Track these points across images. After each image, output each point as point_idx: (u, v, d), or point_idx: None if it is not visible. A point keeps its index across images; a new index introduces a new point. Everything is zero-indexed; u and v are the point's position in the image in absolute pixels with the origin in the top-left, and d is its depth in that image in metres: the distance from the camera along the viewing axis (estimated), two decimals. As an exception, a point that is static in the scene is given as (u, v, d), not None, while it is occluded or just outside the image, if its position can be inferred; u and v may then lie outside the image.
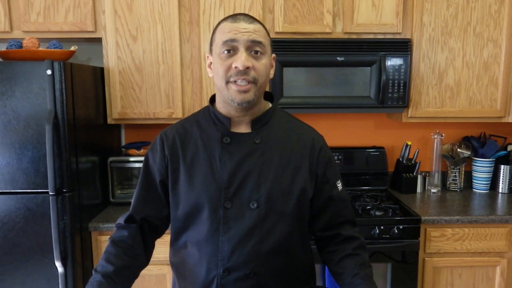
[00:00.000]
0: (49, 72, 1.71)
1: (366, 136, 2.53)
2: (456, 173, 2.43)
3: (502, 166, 2.38)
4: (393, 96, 2.11)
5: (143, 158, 1.20)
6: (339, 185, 1.19)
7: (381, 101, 2.10)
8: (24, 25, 2.05)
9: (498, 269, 2.01)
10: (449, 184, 2.46)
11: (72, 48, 2.00)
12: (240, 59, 1.02)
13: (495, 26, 2.13)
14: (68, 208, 1.79)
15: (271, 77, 1.13)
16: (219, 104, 1.14)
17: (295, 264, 1.15)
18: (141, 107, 2.12)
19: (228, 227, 1.08)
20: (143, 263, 1.17)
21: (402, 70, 2.09)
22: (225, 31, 1.05)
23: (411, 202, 2.21)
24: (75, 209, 1.84)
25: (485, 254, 2.01)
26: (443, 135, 2.40)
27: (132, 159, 2.17)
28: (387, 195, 2.32)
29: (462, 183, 2.45)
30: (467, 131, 2.53)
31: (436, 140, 2.39)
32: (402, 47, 2.08)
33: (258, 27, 1.06)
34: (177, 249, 1.18)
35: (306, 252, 1.20)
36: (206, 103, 2.06)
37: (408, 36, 2.14)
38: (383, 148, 2.46)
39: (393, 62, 2.08)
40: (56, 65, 1.72)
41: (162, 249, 1.46)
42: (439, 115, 2.20)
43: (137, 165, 2.17)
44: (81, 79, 1.90)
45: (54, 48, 1.92)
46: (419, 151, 2.46)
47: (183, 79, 2.12)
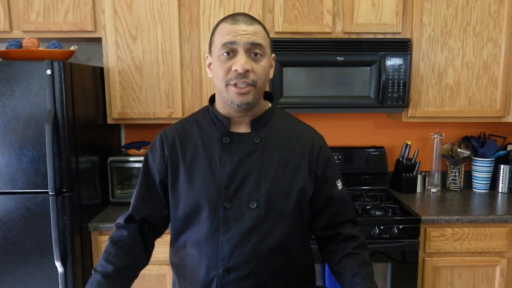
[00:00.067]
0: (48, 72, 1.71)
1: (366, 136, 2.53)
2: (456, 173, 2.43)
3: (502, 166, 2.38)
4: (393, 96, 2.11)
5: (143, 158, 1.20)
6: (339, 185, 1.19)
7: (381, 101, 2.10)
8: (24, 25, 2.05)
9: (498, 269, 2.01)
10: (449, 184, 2.46)
11: (72, 48, 2.00)
12: (240, 62, 1.02)
13: (494, 26, 2.13)
14: (68, 208, 1.79)
15: (270, 77, 1.13)
16: (219, 105, 1.14)
17: (295, 264, 1.15)
18: (141, 107, 2.12)
19: (228, 227, 1.08)
20: (143, 263, 1.17)
21: (402, 70, 2.09)
22: (224, 33, 1.04)
23: (411, 202, 2.21)
24: (75, 209, 1.84)
25: (485, 254, 2.01)
26: (443, 135, 2.40)
27: (132, 159, 2.17)
28: (387, 195, 2.32)
29: (462, 183, 2.45)
30: (467, 131, 2.53)
31: (436, 140, 2.39)
32: (402, 47, 2.08)
33: (258, 28, 1.06)
34: (177, 249, 1.18)
35: (306, 252, 1.20)
36: (206, 103, 2.06)
37: (407, 36, 2.14)
38: (383, 148, 2.46)
39: (393, 62, 2.08)
40: (55, 65, 1.72)
41: (162, 249, 1.46)
42: (439, 115, 2.20)
43: (137, 165, 2.17)
44: (81, 79, 1.90)
45: (54, 48, 1.92)
46: (419, 151, 2.46)
47: (183, 79, 2.12)
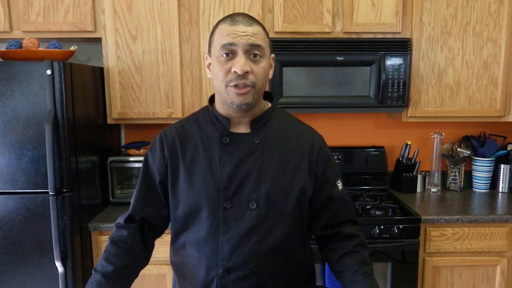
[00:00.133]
0: (48, 72, 1.71)
1: (366, 135, 2.53)
2: (456, 172, 2.43)
3: (502, 166, 2.38)
4: (393, 95, 2.11)
5: (142, 158, 1.20)
6: (339, 185, 1.19)
7: (381, 100, 2.09)
8: (24, 25, 2.05)
9: (498, 269, 2.01)
10: (449, 183, 2.46)
11: (72, 48, 2.00)
12: (239, 64, 1.02)
13: (494, 26, 2.13)
14: (68, 208, 1.79)
15: (270, 77, 1.13)
16: (219, 105, 1.14)
17: (295, 264, 1.15)
18: (140, 107, 2.12)
19: (227, 227, 1.08)
20: (143, 262, 1.17)
21: (402, 70, 2.09)
22: (223, 34, 1.04)
23: (411, 201, 2.21)
24: (75, 209, 1.84)
25: (485, 254, 2.01)
26: (443, 134, 2.40)
27: (131, 159, 2.17)
28: (387, 195, 2.32)
29: (462, 183, 2.45)
30: (467, 130, 2.53)
31: (436, 139, 2.39)
32: (402, 46, 2.08)
33: (257, 29, 1.05)
34: (177, 249, 1.18)
35: (306, 252, 1.20)
36: (206, 103, 2.06)
37: (407, 36, 2.13)
38: (383, 147, 2.46)
39: (393, 61, 2.08)
40: (55, 65, 1.72)
41: (162, 249, 1.46)
42: (439, 115, 2.20)
43: (137, 165, 2.17)
44: (80, 79, 1.90)
45: (54, 48, 1.92)
46: (419, 150, 2.46)
47: (183, 79, 2.12)
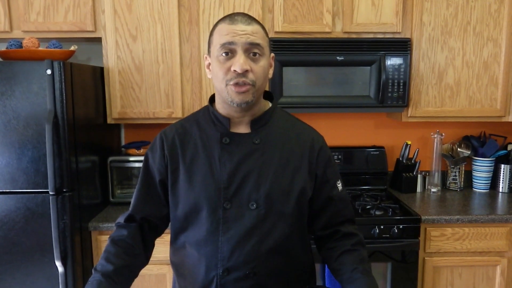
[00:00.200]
0: (49, 71, 1.71)
1: (366, 135, 2.53)
2: (456, 172, 2.43)
3: (502, 166, 2.38)
4: (393, 95, 2.10)
5: (142, 158, 1.20)
6: (339, 185, 1.19)
7: (381, 100, 2.09)
8: (24, 24, 2.05)
9: (498, 269, 2.01)
10: (449, 183, 2.46)
11: (72, 48, 2.00)
12: (239, 62, 1.02)
13: (495, 26, 2.13)
14: (68, 207, 1.79)
15: (270, 76, 1.13)
16: (219, 105, 1.14)
17: (295, 264, 1.15)
18: (140, 106, 2.12)
19: (227, 228, 1.08)
20: (143, 262, 1.17)
21: (402, 70, 2.09)
22: (222, 33, 1.04)
23: (411, 201, 2.21)
24: (75, 208, 1.84)
25: (485, 254, 2.01)
26: (443, 134, 2.40)
27: (131, 158, 2.17)
28: (387, 195, 2.32)
29: (462, 183, 2.45)
30: (467, 130, 2.53)
31: (436, 139, 2.39)
32: (402, 46, 2.08)
33: (256, 28, 1.05)
34: (176, 248, 1.18)
35: (306, 251, 1.20)
36: (206, 102, 2.06)
37: (407, 36, 2.13)
38: (383, 147, 2.45)
39: (393, 61, 2.08)
40: (56, 64, 1.72)
41: (162, 248, 1.46)
42: (439, 115, 2.19)
43: (137, 164, 2.17)
44: (81, 78, 1.90)
45: (54, 47, 1.92)
46: (419, 150, 2.46)
47: (183, 79, 2.12)
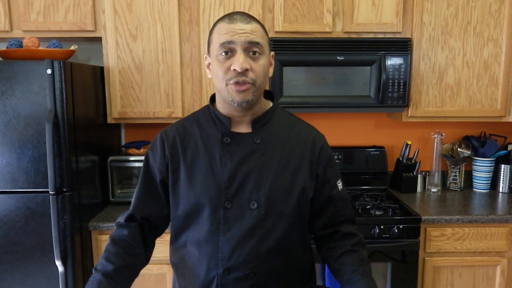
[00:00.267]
0: (49, 71, 1.71)
1: (366, 135, 2.53)
2: (456, 172, 2.43)
3: (503, 166, 2.38)
4: (393, 95, 2.10)
5: (143, 158, 1.20)
6: (339, 185, 1.19)
7: (381, 100, 2.09)
8: (24, 24, 2.05)
9: (499, 269, 2.01)
10: (449, 183, 2.46)
11: (72, 48, 2.00)
12: (238, 61, 1.01)
13: (495, 26, 2.13)
14: (68, 207, 1.79)
15: (270, 75, 1.13)
16: (219, 104, 1.14)
17: (295, 263, 1.15)
18: (141, 106, 2.12)
19: (228, 227, 1.08)
20: (143, 262, 1.17)
21: (402, 70, 2.09)
22: (222, 32, 1.04)
23: (411, 201, 2.21)
24: (75, 208, 1.84)
25: (485, 254, 2.01)
26: (443, 134, 2.40)
27: (132, 158, 2.17)
28: (387, 195, 2.32)
29: (462, 183, 2.45)
30: (467, 130, 2.53)
31: (436, 139, 2.39)
32: (402, 46, 2.08)
33: (255, 26, 1.05)
34: (177, 248, 1.18)
35: (306, 251, 1.20)
36: (206, 102, 2.06)
37: (408, 36, 2.13)
38: (383, 147, 2.45)
39: (393, 61, 2.08)
40: (56, 64, 1.72)
41: (162, 248, 1.46)
42: (439, 115, 2.19)
43: (137, 164, 2.17)
44: (81, 78, 1.90)
45: (54, 47, 1.92)
46: (419, 150, 2.45)
47: (183, 79, 2.12)
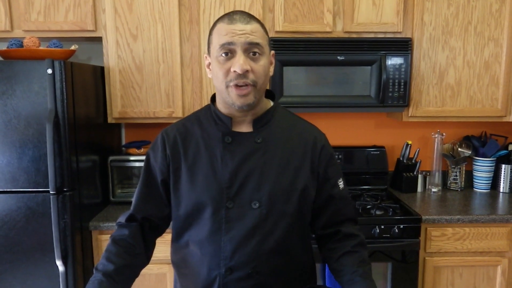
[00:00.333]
0: (49, 71, 1.71)
1: (366, 135, 2.53)
2: (456, 172, 2.43)
3: (503, 166, 2.38)
4: (394, 95, 2.10)
5: (143, 157, 1.21)
6: (341, 184, 1.19)
7: (382, 100, 2.09)
8: (25, 24, 2.05)
9: (499, 269, 2.01)
10: (450, 183, 2.46)
11: (73, 47, 2.00)
12: (238, 63, 1.01)
13: (496, 26, 2.13)
14: (69, 207, 1.79)
15: (271, 74, 1.13)
16: (220, 104, 1.14)
17: (295, 263, 1.15)
18: (141, 106, 2.12)
19: (230, 227, 1.08)
20: (144, 262, 1.17)
21: (403, 69, 2.09)
22: (221, 33, 1.03)
23: (412, 201, 2.21)
24: (76, 208, 1.84)
25: (486, 254, 2.01)
26: (444, 134, 2.40)
27: (132, 158, 2.17)
28: (387, 195, 2.32)
29: (463, 183, 2.45)
30: (468, 130, 2.53)
31: (436, 139, 2.38)
32: (403, 46, 2.08)
33: (255, 27, 1.04)
34: (178, 248, 1.18)
35: (307, 251, 1.20)
36: (206, 102, 2.07)
37: (408, 35, 2.13)
38: (383, 147, 2.45)
39: (394, 61, 2.08)
40: (56, 64, 1.72)
41: (163, 248, 1.46)
42: (440, 115, 2.19)
43: (137, 164, 2.17)
44: (81, 78, 1.90)
45: (55, 47, 1.92)
46: (419, 150, 2.45)
47: (183, 78, 2.12)
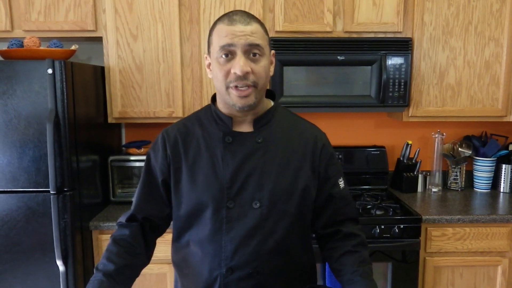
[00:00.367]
0: (50, 71, 1.72)
1: (366, 135, 2.53)
2: (457, 172, 2.43)
3: (504, 166, 2.38)
4: (394, 95, 2.10)
5: (143, 157, 1.21)
6: (341, 183, 1.19)
7: (382, 100, 2.09)
8: (25, 24, 2.05)
9: (500, 269, 2.00)
10: (450, 183, 2.46)
11: (73, 47, 2.00)
12: (239, 65, 1.00)
13: (496, 25, 2.13)
14: (69, 207, 1.79)
15: (271, 74, 1.12)
16: (220, 104, 1.13)
17: (296, 263, 1.15)
18: (141, 106, 2.12)
19: (230, 227, 1.08)
20: (144, 262, 1.17)
21: (403, 69, 2.09)
22: (221, 35, 1.03)
23: (412, 201, 2.21)
24: (76, 208, 1.84)
25: (486, 254, 2.00)
26: (444, 134, 2.40)
27: (132, 158, 2.17)
28: (387, 195, 2.32)
29: (463, 183, 2.45)
30: (468, 130, 2.53)
31: (437, 139, 2.38)
32: (403, 46, 2.08)
33: (255, 27, 1.04)
34: (179, 247, 1.18)
35: (307, 251, 1.20)
36: (206, 102, 2.07)
37: (409, 35, 2.13)
38: (383, 147, 2.45)
39: (394, 61, 2.08)
40: (57, 64, 1.73)
41: (163, 248, 1.46)
42: (440, 114, 2.19)
43: (138, 164, 2.17)
44: (81, 78, 1.90)
45: (55, 47, 1.92)
46: (419, 150, 2.45)
47: (183, 78, 2.12)
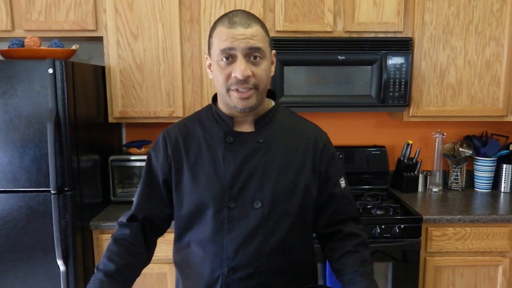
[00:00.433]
0: (50, 70, 1.72)
1: (367, 135, 2.53)
2: (457, 172, 2.43)
3: (504, 165, 2.37)
4: (394, 95, 2.10)
5: (144, 157, 1.21)
6: (342, 183, 1.18)
7: (382, 100, 2.09)
8: (26, 23, 2.05)
9: (500, 269, 2.00)
10: (451, 183, 2.46)
11: (74, 47, 2.00)
12: (239, 69, 1.00)
13: (497, 25, 2.13)
14: (70, 206, 1.79)
15: (272, 74, 1.12)
16: (221, 104, 1.13)
17: (297, 263, 1.15)
18: (142, 106, 2.12)
19: (232, 227, 1.08)
20: (145, 261, 1.17)
21: (403, 69, 2.09)
22: (222, 38, 1.02)
23: (412, 201, 2.21)
24: (77, 207, 1.84)
25: (487, 254, 2.00)
26: (445, 134, 2.39)
27: (133, 158, 2.16)
28: (388, 194, 2.32)
29: (464, 182, 2.44)
30: (469, 130, 2.53)
31: (437, 139, 2.38)
32: (403, 46, 2.08)
33: (256, 30, 1.03)
34: (180, 248, 1.18)
35: (308, 251, 1.20)
36: (207, 101, 2.07)
37: (409, 35, 2.13)
38: (384, 147, 2.45)
39: (394, 61, 2.08)
40: (57, 63, 1.73)
41: (163, 247, 1.46)
42: (441, 114, 2.19)
43: (138, 164, 2.16)
44: (82, 77, 1.90)
45: (56, 47, 1.92)
46: (420, 150, 2.45)
47: (184, 78, 2.12)
